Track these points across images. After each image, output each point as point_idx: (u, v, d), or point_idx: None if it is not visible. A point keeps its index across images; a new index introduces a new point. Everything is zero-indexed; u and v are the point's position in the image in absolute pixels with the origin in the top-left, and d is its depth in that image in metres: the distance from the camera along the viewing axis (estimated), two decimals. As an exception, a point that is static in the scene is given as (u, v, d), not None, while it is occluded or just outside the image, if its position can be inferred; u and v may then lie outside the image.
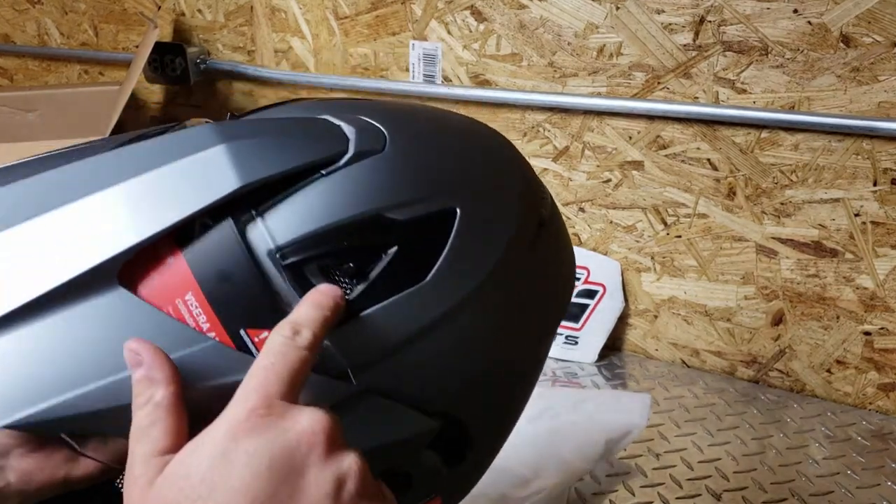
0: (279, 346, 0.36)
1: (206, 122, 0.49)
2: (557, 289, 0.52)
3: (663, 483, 0.81)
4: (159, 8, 1.24)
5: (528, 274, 0.47)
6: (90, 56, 1.38)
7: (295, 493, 0.33)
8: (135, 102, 1.36)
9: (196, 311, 0.38)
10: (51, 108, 1.17)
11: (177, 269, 0.39)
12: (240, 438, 0.34)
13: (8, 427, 0.38)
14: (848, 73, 0.86)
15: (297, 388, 0.36)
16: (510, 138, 1.09)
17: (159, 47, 1.24)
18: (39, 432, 0.42)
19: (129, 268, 0.39)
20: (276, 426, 0.34)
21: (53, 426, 0.38)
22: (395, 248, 0.41)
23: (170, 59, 1.24)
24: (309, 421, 0.34)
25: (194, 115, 1.32)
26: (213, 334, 0.38)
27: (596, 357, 1.06)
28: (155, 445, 0.35)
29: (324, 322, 0.37)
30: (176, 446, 0.36)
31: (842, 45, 0.85)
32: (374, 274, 0.40)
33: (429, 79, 1.09)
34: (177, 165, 0.39)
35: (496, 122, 1.07)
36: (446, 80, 1.08)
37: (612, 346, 1.09)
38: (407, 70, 1.10)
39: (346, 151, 0.41)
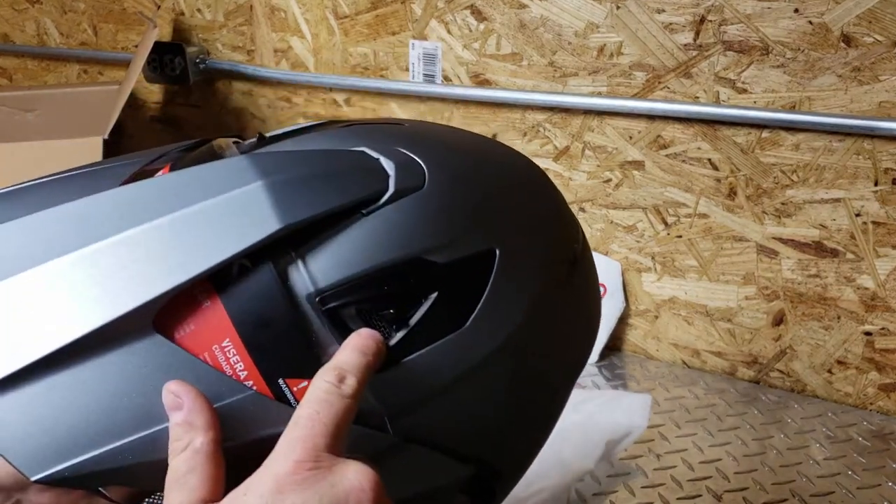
0: (324, 395, 0.35)
1: (235, 141, 0.48)
2: (587, 326, 0.51)
3: (664, 483, 0.81)
4: (159, 7, 1.23)
5: (560, 314, 0.46)
6: (89, 56, 1.38)
7: None
8: (134, 102, 1.36)
9: (234, 358, 0.37)
10: (50, 107, 1.16)
11: (214, 314, 0.37)
12: (286, 493, 0.33)
13: (39, 482, 0.36)
14: (849, 72, 0.86)
15: (343, 439, 0.35)
16: (510, 138, 1.10)
17: (159, 47, 1.23)
18: (70, 486, 0.40)
19: (165, 312, 0.37)
20: (324, 480, 0.33)
21: (85, 481, 0.37)
22: (435, 294, 0.40)
23: (169, 58, 1.24)
24: (357, 476, 0.34)
25: (194, 115, 1.32)
26: (251, 383, 0.37)
27: (596, 357, 1.06)
28: (192, 495, 0.34)
29: (367, 368, 0.37)
30: (214, 496, 0.35)
31: (843, 44, 0.85)
32: (414, 320, 0.40)
33: (429, 78, 1.09)
34: (214, 203, 0.38)
35: (496, 121, 1.06)
36: (446, 79, 1.08)
37: (613, 347, 1.08)
38: (407, 70, 1.10)
39: (385, 189, 0.40)
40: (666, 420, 0.92)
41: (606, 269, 1.04)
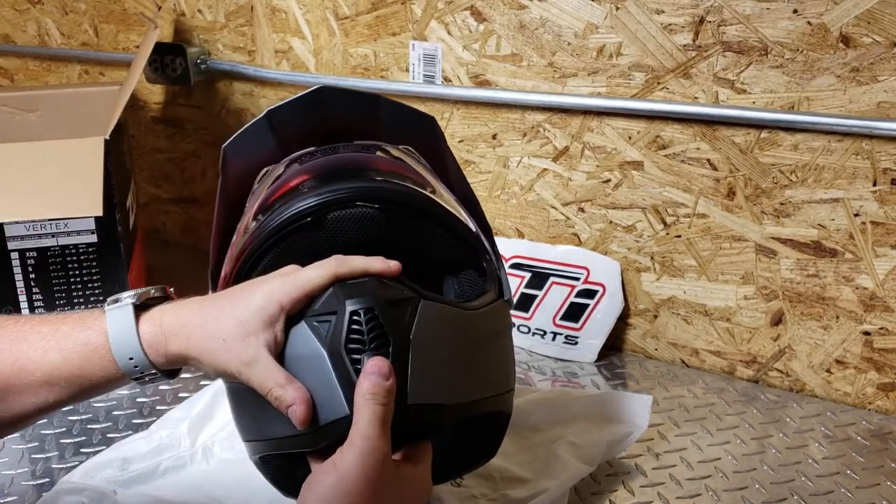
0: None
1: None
2: None
3: (663, 483, 0.81)
4: (160, 8, 1.24)
5: None
6: (91, 56, 1.39)
7: None
8: (135, 102, 1.36)
9: None
10: (51, 108, 1.17)
11: None
12: None
13: None
14: (847, 73, 0.86)
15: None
16: (510, 138, 1.10)
17: (160, 47, 1.24)
18: None
19: None
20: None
21: None
22: None
23: (170, 59, 1.25)
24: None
25: (195, 115, 1.32)
26: None
27: (596, 357, 1.06)
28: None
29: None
30: None
31: (841, 45, 0.85)
32: None
33: (429, 79, 1.09)
34: None
35: (496, 122, 1.07)
36: (446, 80, 1.08)
37: (612, 346, 1.09)
38: (407, 70, 1.11)
39: None
40: (665, 419, 0.93)
41: (606, 269, 1.04)
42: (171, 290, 0.63)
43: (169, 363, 0.59)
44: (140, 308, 0.59)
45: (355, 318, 0.55)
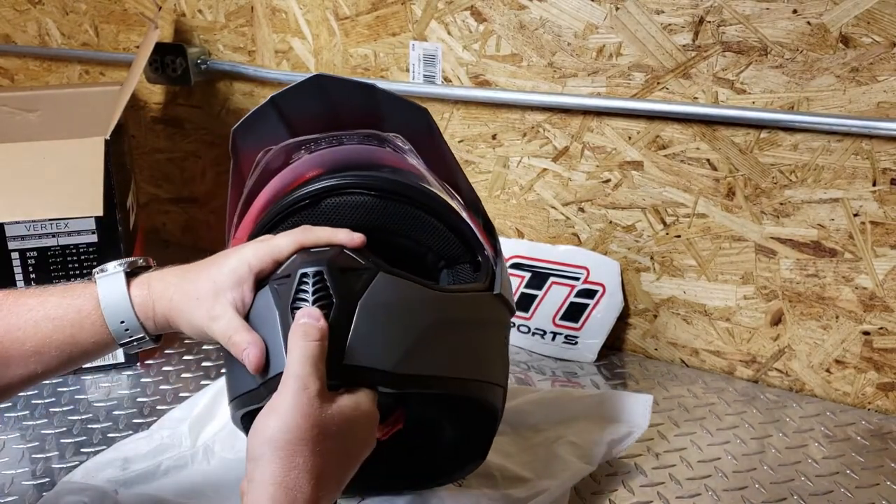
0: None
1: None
2: None
3: (663, 482, 0.82)
4: (160, 8, 1.24)
5: None
6: (91, 56, 1.39)
7: None
8: (136, 103, 1.36)
9: None
10: (52, 108, 1.17)
11: None
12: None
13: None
14: (847, 73, 0.86)
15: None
16: (510, 138, 1.10)
17: (160, 48, 1.24)
18: None
19: None
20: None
21: None
22: None
23: (170, 59, 1.25)
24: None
25: (195, 115, 1.32)
26: None
27: (595, 357, 1.06)
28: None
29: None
30: None
31: (841, 45, 0.86)
32: None
33: (429, 79, 1.09)
34: None
35: (496, 122, 1.07)
36: (446, 80, 1.08)
37: (612, 346, 1.09)
38: (407, 70, 1.11)
39: None
40: (665, 419, 0.93)
41: (605, 269, 1.04)
42: (154, 261, 0.67)
43: (157, 326, 0.63)
44: (129, 275, 0.63)
45: (304, 279, 0.59)
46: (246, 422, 0.65)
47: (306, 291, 0.58)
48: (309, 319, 0.56)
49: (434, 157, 0.74)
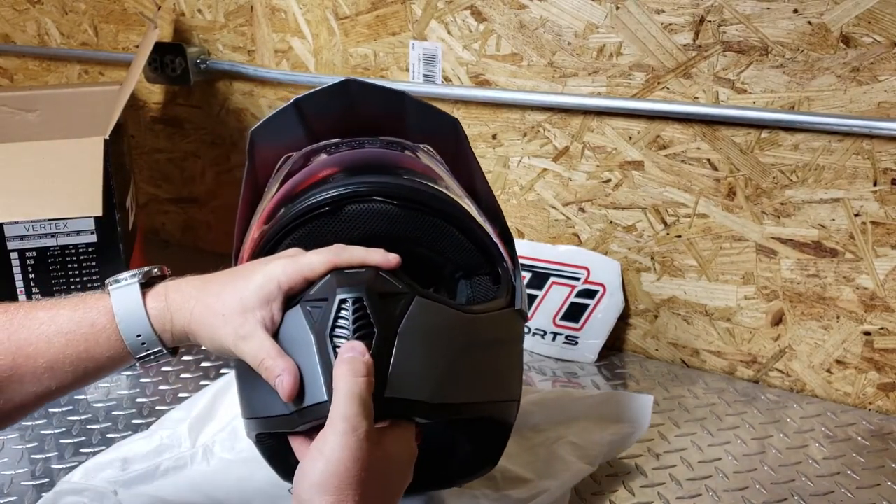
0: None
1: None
2: None
3: (663, 483, 0.81)
4: (159, 8, 1.24)
5: None
6: (90, 56, 1.38)
7: None
8: (135, 102, 1.36)
9: None
10: (51, 108, 1.17)
11: None
12: None
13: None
14: (848, 73, 0.86)
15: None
16: (510, 138, 1.10)
17: (159, 47, 1.24)
18: None
19: None
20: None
21: None
22: None
23: (170, 59, 1.25)
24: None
25: (195, 115, 1.32)
26: None
27: (596, 357, 1.06)
28: None
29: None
30: None
31: (842, 45, 0.85)
32: None
33: (429, 79, 1.09)
34: None
35: (496, 122, 1.07)
36: (446, 80, 1.08)
37: (612, 346, 1.09)
38: (407, 70, 1.10)
39: None
40: (665, 419, 0.92)
41: (606, 269, 1.04)
42: (168, 270, 0.64)
43: (174, 339, 0.60)
44: (145, 286, 0.60)
45: (343, 306, 0.56)
46: (263, 439, 0.65)
47: (346, 318, 0.56)
48: (354, 353, 0.54)
49: (459, 165, 0.74)
